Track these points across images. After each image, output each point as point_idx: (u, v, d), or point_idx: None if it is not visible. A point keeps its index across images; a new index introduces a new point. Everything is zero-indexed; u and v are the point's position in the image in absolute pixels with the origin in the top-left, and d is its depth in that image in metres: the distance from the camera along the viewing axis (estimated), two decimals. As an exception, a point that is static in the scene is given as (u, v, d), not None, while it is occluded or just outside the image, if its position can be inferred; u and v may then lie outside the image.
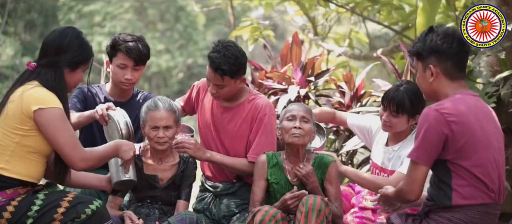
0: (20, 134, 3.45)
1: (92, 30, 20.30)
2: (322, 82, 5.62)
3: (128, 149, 3.68)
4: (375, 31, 11.97)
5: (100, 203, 3.53)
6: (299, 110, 4.02)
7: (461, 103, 3.25)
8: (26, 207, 3.41)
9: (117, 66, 4.32)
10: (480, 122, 3.25)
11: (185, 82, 20.77)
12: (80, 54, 3.62)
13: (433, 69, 3.32)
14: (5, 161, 3.44)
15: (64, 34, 3.62)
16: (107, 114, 4.07)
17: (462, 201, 3.21)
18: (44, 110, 3.43)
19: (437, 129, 3.19)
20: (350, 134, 5.38)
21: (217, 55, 4.10)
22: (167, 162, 4.14)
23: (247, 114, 4.25)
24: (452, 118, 3.19)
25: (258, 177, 4.09)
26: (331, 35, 9.08)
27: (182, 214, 3.92)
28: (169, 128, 4.02)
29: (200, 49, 21.31)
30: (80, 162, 3.50)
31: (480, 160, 3.21)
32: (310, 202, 3.74)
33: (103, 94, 4.44)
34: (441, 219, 3.25)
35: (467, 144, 3.20)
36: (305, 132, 3.98)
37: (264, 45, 6.17)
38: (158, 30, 21.32)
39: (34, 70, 3.58)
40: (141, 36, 4.40)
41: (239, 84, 4.21)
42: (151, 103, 4.06)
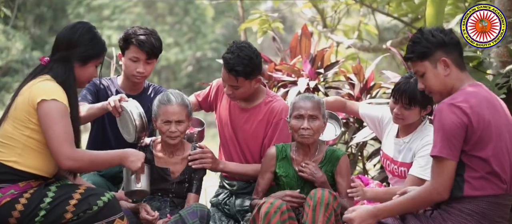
0: (31, 128, 3.47)
1: (101, 23, 20.34)
2: (332, 74, 5.61)
3: (136, 159, 3.66)
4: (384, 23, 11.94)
5: (111, 195, 3.55)
6: (307, 108, 3.97)
7: (473, 95, 3.25)
8: (39, 199, 3.43)
9: (130, 59, 4.33)
10: (492, 113, 3.25)
11: (194, 76, 20.80)
12: (90, 49, 3.63)
13: (445, 62, 3.31)
14: (17, 155, 3.46)
15: (74, 28, 3.64)
16: (120, 106, 4.09)
17: (473, 192, 3.21)
18: (45, 102, 3.44)
19: (457, 120, 3.18)
20: (360, 126, 5.38)
21: (231, 56, 4.11)
22: (178, 156, 4.15)
23: (263, 117, 4.28)
24: (468, 110, 3.18)
25: (265, 169, 4.10)
26: (340, 27, 9.07)
27: (193, 206, 3.93)
28: (181, 122, 4.04)
29: (209, 42, 21.32)
30: (66, 159, 3.44)
31: (494, 151, 3.21)
32: (318, 195, 3.74)
33: (115, 87, 4.45)
34: (452, 210, 3.25)
35: (483, 135, 3.20)
36: (314, 130, 3.97)
37: (273, 38, 6.17)
38: (167, 23, 21.34)
39: (46, 65, 3.60)
40: (153, 30, 4.40)
41: (255, 85, 4.21)
42: (163, 97, 4.07)
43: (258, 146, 4.30)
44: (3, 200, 3.41)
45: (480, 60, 5.01)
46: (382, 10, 8.34)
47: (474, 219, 3.22)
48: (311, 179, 3.94)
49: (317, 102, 4.00)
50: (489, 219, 3.22)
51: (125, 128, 4.17)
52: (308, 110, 3.95)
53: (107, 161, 3.64)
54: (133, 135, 4.11)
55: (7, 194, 3.42)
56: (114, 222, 3.51)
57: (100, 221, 3.47)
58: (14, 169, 3.45)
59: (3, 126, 3.54)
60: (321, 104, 4.01)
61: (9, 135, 3.49)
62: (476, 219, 3.22)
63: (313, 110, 3.95)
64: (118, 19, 20.40)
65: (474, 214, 3.22)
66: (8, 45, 18.69)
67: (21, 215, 3.40)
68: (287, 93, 5.30)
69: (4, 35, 18.72)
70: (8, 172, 3.45)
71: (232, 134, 4.36)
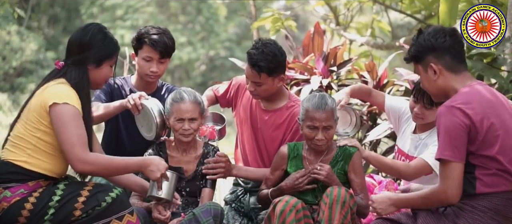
0: (42, 129, 3.49)
1: (114, 23, 20.40)
2: (345, 72, 5.60)
3: (156, 170, 3.62)
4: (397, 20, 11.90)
5: (119, 191, 3.55)
6: (321, 120, 3.88)
7: (472, 94, 3.25)
8: (47, 198, 3.44)
9: (143, 58, 4.34)
10: (495, 110, 3.24)
11: (207, 75, 20.83)
12: (103, 49, 3.63)
13: (435, 66, 3.32)
14: (27, 155, 3.49)
15: (85, 31, 3.65)
16: (141, 103, 4.11)
17: (486, 189, 3.20)
18: (57, 105, 3.44)
19: (458, 122, 3.17)
20: (373, 124, 5.37)
21: (255, 52, 4.11)
22: (190, 154, 4.16)
23: (284, 121, 4.28)
24: (469, 110, 3.18)
25: (275, 167, 4.11)
26: (353, 25, 9.04)
27: (206, 205, 3.93)
28: (195, 120, 4.04)
29: (221, 41, 21.34)
30: (78, 162, 3.44)
31: (503, 148, 3.20)
32: (334, 193, 3.72)
33: (129, 86, 4.46)
34: (465, 206, 3.23)
35: (488, 134, 3.18)
36: (328, 139, 3.94)
37: (286, 36, 6.17)
38: (180, 22, 21.37)
39: (61, 69, 3.62)
40: (166, 29, 4.41)
41: (278, 84, 4.21)
42: (176, 95, 4.08)
43: (275, 149, 4.29)
44: (12, 199, 3.43)
45: (494, 57, 4.99)
46: (395, 7, 8.31)
47: (487, 215, 3.20)
48: (326, 182, 3.92)
49: (330, 111, 3.91)
50: (502, 215, 3.21)
51: (144, 126, 4.18)
52: (322, 122, 3.88)
53: (124, 167, 3.62)
54: (153, 133, 4.13)
55: (17, 194, 3.43)
56: (124, 218, 3.50)
57: (109, 217, 3.47)
58: (24, 169, 3.47)
59: (16, 126, 3.57)
60: (334, 110, 3.93)
61: (20, 135, 3.51)
62: (489, 215, 3.20)
63: (327, 121, 3.89)
64: (131, 18, 20.45)
65: (487, 210, 3.20)
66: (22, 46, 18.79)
67: (30, 213, 3.42)
68: (300, 91, 5.30)
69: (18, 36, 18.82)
70: (18, 172, 3.47)
71: (250, 133, 4.36)
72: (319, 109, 3.88)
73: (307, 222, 3.77)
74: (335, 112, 3.93)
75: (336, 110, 3.95)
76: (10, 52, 18.61)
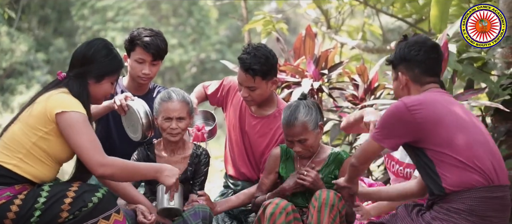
0: (39, 135, 3.46)
1: (105, 25, 20.36)
2: (336, 75, 5.60)
3: (171, 175, 3.62)
4: (388, 24, 11.93)
5: (105, 190, 3.53)
6: (293, 135, 3.89)
7: (425, 95, 3.36)
8: (33, 200, 3.41)
9: (135, 60, 4.33)
10: (448, 109, 3.30)
11: (198, 77, 20.80)
12: (105, 66, 3.61)
13: (401, 76, 3.44)
14: (18, 159, 3.46)
15: (90, 45, 3.64)
16: (127, 104, 4.09)
17: (455, 188, 3.21)
18: (66, 113, 3.43)
19: (398, 118, 3.28)
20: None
21: (247, 56, 4.11)
22: (179, 154, 4.14)
23: (270, 130, 4.29)
24: (416, 107, 3.26)
25: (269, 170, 4.10)
26: (344, 28, 9.05)
27: (195, 207, 3.92)
28: (182, 119, 4.03)
29: (212, 43, 21.33)
30: (98, 167, 3.45)
31: (458, 143, 3.23)
32: (323, 196, 3.72)
33: (120, 88, 4.45)
34: (441, 210, 3.25)
35: (440, 130, 3.24)
36: (309, 147, 3.93)
37: (277, 38, 6.16)
38: (171, 24, 21.35)
39: (62, 80, 3.61)
40: (159, 31, 4.40)
41: (271, 87, 4.21)
42: (164, 94, 4.07)
43: (260, 153, 4.32)
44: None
45: (484, 61, 5.00)
46: (386, 11, 8.33)
47: (461, 216, 3.20)
48: (312, 188, 3.91)
49: (301, 125, 3.88)
50: (477, 215, 3.20)
51: (130, 127, 4.17)
52: (295, 137, 3.90)
53: (140, 170, 3.62)
54: (139, 134, 4.11)
55: (3, 196, 3.41)
56: (111, 217, 3.49)
57: (97, 217, 3.45)
58: (12, 172, 3.45)
59: (12, 127, 3.54)
60: (308, 122, 3.89)
61: (15, 137, 3.48)
62: (463, 216, 3.20)
63: (300, 135, 3.89)
64: (122, 20, 20.41)
65: (460, 211, 3.20)
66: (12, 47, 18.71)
67: (16, 216, 3.39)
68: (291, 94, 5.29)
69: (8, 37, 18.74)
70: (5, 175, 3.44)
71: (239, 137, 4.36)
72: (288, 125, 3.89)
73: (297, 225, 3.77)
74: (311, 124, 3.89)
75: (311, 120, 3.89)
76: (0, 53, 18.53)
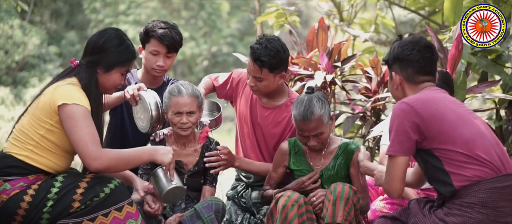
0: (46, 127, 3.47)
1: (117, 18, 20.41)
2: (348, 68, 5.58)
3: (167, 152, 3.63)
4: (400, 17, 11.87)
5: (118, 181, 3.53)
6: (309, 129, 3.86)
7: (424, 93, 3.36)
8: (46, 190, 3.43)
9: (150, 52, 4.33)
10: (448, 106, 3.30)
11: (209, 70, 20.82)
12: (115, 56, 3.60)
13: (395, 76, 3.45)
14: (29, 150, 3.48)
15: (102, 34, 3.63)
16: (138, 95, 4.09)
17: (464, 183, 3.20)
18: (67, 105, 3.43)
19: (406, 118, 3.25)
20: (377, 119, 5.35)
21: (259, 47, 4.10)
22: (190, 147, 4.14)
23: (283, 119, 4.27)
24: (419, 106, 3.26)
25: (277, 164, 4.09)
26: (356, 21, 9.01)
27: (208, 200, 3.92)
28: (193, 113, 4.02)
29: (224, 36, 21.34)
30: (93, 161, 3.40)
31: (462, 138, 3.22)
32: (338, 190, 3.71)
33: (135, 80, 4.45)
34: (453, 206, 3.24)
35: (443, 126, 3.23)
36: (323, 141, 3.91)
37: (290, 31, 6.14)
38: (183, 17, 21.37)
39: (75, 68, 3.60)
40: (174, 24, 4.40)
41: (279, 81, 4.19)
42: (174, 89, 4.05)
43: (274, 145, 4.30)
44: (12, 192, 3.42)
45: (498, 53, 4.96)
46: (399, 4, 8.28)
47: (474, 210, 3.19)
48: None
49: (317, 120, 3.85)
50: (490, 207, 3.18)
51: (140, 118, 4.16)
52: (311, 131, 3.87)
53: (135, 156, 3.57)
54: (148, 125, 4.11)
55: (16, 186, 3.43)
56: (123, 208, 3.50)
57: (109, 208, 3.46)
58: (25, 163, 3.47)
59: (22, 119, 3.56)
60: (322, 115, 3.87)
61: (25, 130, 3.50)
62: (476, 210, 3.19)
63: (315, 130, 3.86)
64: (134, 13, 20.46)
65: (473, 205, 3.19)
66: (24, 40, 18.79)
67: (29, 206, 3.41)
68: (304, 87, 5.27)
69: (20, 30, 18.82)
70: (18, 166, 3.46)
71: (250, 130, 4.35)
72: (305, 120, 3.85)
73: (309, 217, 3.75)
74: (325, 117, 3.87)
75: (326, 113, 3.88)
76: (13, 46, 18.61)
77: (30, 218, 3.41)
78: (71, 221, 3.42)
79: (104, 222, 3.45)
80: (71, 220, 3.42)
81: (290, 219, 3.69)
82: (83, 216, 3.43)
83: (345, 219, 3.68)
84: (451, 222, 3.21)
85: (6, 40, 18.48)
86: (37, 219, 3.42)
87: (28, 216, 3.41)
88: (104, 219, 3.45)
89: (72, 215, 3.43)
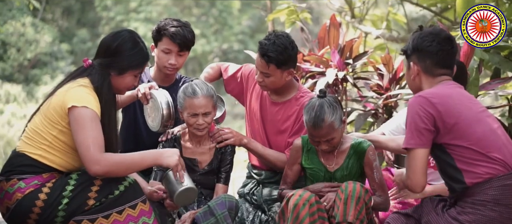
0: (58, 128, 3.48)
1: (128, 16, 20.47)
2: (360, 65, 5.57)
3: (172, 153, 3.56)
4: (412, 13, 11.84)
5: (132, 179, 3.54)
6: (320, 136, 3.81)
7: (441, 88, 3.35)
8: (61, 188, 3.44)
9: (162, 51, 4.33)
10: (464, 103, 3.30)
11: (220, 67, 20.84)
12: (129, 59, 3.58)
13: (413, 66, 3.44)
14: (43, 149, 3.48)
15: (116, 36, 3.61)
16: (150, 93, 4.10)
17: (476, 180, 3.20)
18: (76, 108, 3.42)
19: (423, 111, 3.25)
20: (389, 116, 5.34)
21: (267, 42, 4.09)
22: (205, 145, 4.14)
23: (293, 113, 4.26)
24: (435, 100, 3.26)
25: (292, 161, 4.07)
26: (368, 17, 8.99)
27: (221, 197, 3.92)
28: (208, 114, 4.02)
29: (235, 34, 21.36)
30: (93, 165, 3.37)
31: (475, 136, 3.22)
32: (349, 188, 3.69)
33: (147, 78, 4.45)
34: (466, 204, 3.23)
35: (458, 122, 3.23)
36: (334, 144, 3.88)
37: (302, 28, 6.14)
38: (194, 15, 21.40)
39: (87, 68, 3.59)
40: (186, 22, 4.40)
41: (287, 77, 4.17)
42: (189, 90, 4.02)
43: (284, 142, 4.28)
44: (26, 190, 3.43)
45: (511, 50, 4.94)
46: (410, 0, 8.26)
47: (487, 208, 3.19)
48: None
49: (328, 126, 3.80)
50: (503, 204, 3.18)
51: (151, 116, 4.17)
52: (322, 138, 3.83)
53: (138, 161, 3.52)
54: (158, 124, 4.11)
55: (31, 185, 3.43)
56: (137, 206, 3.50)
57: (123, 205, 3.47)
58: (39, 162, 3.47)
59: (35, 119, 3.56)
60: (334, 121, 3.81)
61: (38, 130, 3.50)
62: (489, 207, 3.18)
63: (326, 136, 3.82)
64: (145, 11, 20.51)
65: (485, 202, 3.19)
66: (36, 38, 18.89)
67: (44, 204, 3.42)
68: (315, 84, 5.27)
69: (32, 28, 18.92)
70: (32, 165, 3.47)
71: (260, 126, 4.34)
72: (315, 127, 3.80)
73: (321, 216, 3.74)
74: (336, 122, 3.81)
75: (337, 120, 3.82)
76: (25, 44, 18.72)
77: (45, 215, 3.42)
78: (85, 218, 3.43)
79: (118, 220, 3.46)
80: (85, 217, 3.43)
81: (301, 218, 3.68)
82: (97, 213, 3.44)
83: (356, 218, 3.66)
84: (464, 220, 3.20)
85: (18, 38, 18.58)
86: (53, 217, 3.43)
87: (43, 214, 3.42)
88: (118, 217, 3.46)
89: (87, 212, 3.44)
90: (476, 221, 3.18)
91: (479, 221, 3.18)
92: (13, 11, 18.57)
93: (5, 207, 3.47)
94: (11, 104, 17.39)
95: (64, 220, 3.44)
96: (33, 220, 3.44)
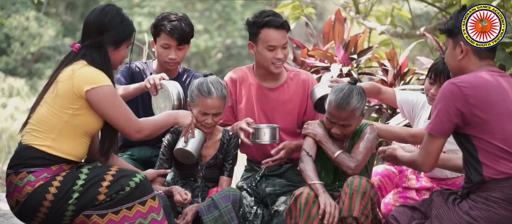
0: (69, 113, 3.49)
1: (132, 10, 20.44)
2: (365, 60, 5.57)
3: (186, 114, 3.85)
4: (416, 9, 11.82)
5: (143, 176, 3.56)
6: (339, 118, 3.81)
7: (480, 77, 3.28)
8: (71, 182, 3.45)
9: (161, 46, 4.34)
10: (501, 96, 3.25)
11: (223, 63, 20.83)
12: (122, 31, 3.64)
13: (464, 46, 3.36)
14: (51, 139, 3.49)
15: (104, 12, 3.64)
16: (160, 84, 4.10)
17: (495, 176, 3.18)
18: (96, 89, 3.48)
19: (452, 102, 3.22)
20: (393, 112, 5.34)
21: (273, 17, 4.19)
22: (210, 139, 4.14)
23: (295, 91, 4.27)
24: (469, 91, 3.21)
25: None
26: (372, 13, 8.98)
27: (225, 191, 3.92)
28: (219, 114, 4.02)
29: (238, 29, 21.32)
30: (136, 133, 3.62)
31: (504, 132, 3.19)
32: (355, 183, 3.69)
33: (150, 71, 4.46)
34: (479, 199, 3.22)
35: (489, 117, 3.20)
36: (347, 132, 3.88)
37: (306, 23, 6.14)
38: (197, 10, 21.38)
39: (78, 52, 3.62)
40: (184, 15, 4.39)
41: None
42: (204, 88, 3.98)
43: (294, 122, 4.30)
44: (36, 183, 3.44)
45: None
46: (415, -4, 8.25)
47: (500, 206, 3.18)
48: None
49: (351, 111, 3.80)
50: None
51: (160, 107, 4.15)
52: (340, 120, 3.83)
53: (165, 121, 3.78)
54: None
55: (41, 178, 3.44)
56: (146, 202, 3.52)
57: (133, 201, 3.49)
58: (47, 154, 3.48)
59: (39, 110, 3.56)
60: (357, 109, 3.82)
61: (44, 119, 3.51)
62: (502, 206, 3.18)
63: (345, 120, 3.82)
64: (149, 5, 20.49)
65: (500, 201, 3.18)
66: (40, 32, 18.89)
67: (54, 198, 3.43)
68: (320, 79, 5.27)
69: (36, 22, 18.92)
70: (40, 157, 3.48)
71: (262, 119, 4.33)
72: (339, 108, 3.80)
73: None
74: (358, 111, 3.82)
75: (360, 109, 3.83)
76: (28, 38, 18.73)
77: (55, 209, 3.44)
78: (95, 213, 3.46)
79: (127, 215, 3.48)
80: (95, 212, 3.46)
81: (313, 216, 3.69)
82: (107, 208, 3.46)
83: (362, 213, 3.67)
84: (476, 216, 3.20)
85: (22, 32, 18.59)
86: (63, 211, 3.44)
87: (53, 207, 3.44)
88: (128, 213, 3.48)
89: (97, 207, 3.46)
90: (488, 218, 3.18)
91: (491, 218, 3.17)
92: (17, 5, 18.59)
93: (15, 201, 3.48)
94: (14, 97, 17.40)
95: (73, 214, 3.46)
96: (43, 214, 3.45)
